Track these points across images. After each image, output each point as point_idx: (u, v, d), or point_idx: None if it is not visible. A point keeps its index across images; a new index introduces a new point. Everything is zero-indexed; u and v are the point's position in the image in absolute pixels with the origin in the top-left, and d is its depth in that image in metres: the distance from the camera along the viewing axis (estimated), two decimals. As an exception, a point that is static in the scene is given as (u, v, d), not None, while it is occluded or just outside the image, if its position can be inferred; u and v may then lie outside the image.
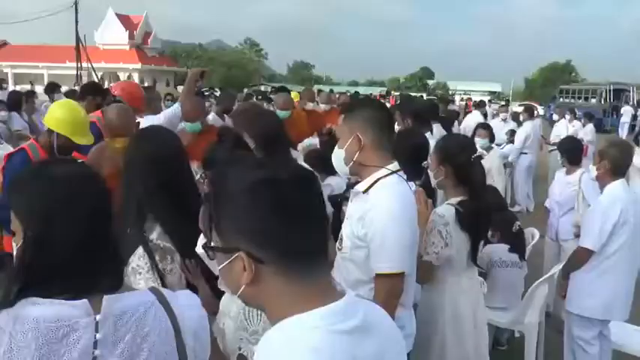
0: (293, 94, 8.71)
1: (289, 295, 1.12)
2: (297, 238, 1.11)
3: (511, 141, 10.53)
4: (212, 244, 1.19)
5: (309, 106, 7.92)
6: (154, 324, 1.42)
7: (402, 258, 2.40)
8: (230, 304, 1.93)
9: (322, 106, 8.05)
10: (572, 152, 5.67)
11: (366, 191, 2.45)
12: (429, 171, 3.25)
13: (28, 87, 19.66)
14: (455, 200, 3.01)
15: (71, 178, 1.43)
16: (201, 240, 2.01)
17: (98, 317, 1.33)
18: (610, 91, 33.20)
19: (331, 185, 4.35)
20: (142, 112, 4.88)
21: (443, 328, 3.02)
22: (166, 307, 1.46)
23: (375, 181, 2.44)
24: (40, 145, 3.75)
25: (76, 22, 35.37)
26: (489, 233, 4.26)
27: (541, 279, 4.44)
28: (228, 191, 1.14)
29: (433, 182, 3.16)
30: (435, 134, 5.48)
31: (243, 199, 1.11)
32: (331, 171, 4.53)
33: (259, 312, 1.66)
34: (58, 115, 3.66)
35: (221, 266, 1.18)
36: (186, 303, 1.53)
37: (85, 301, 1.33)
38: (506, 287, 4.53)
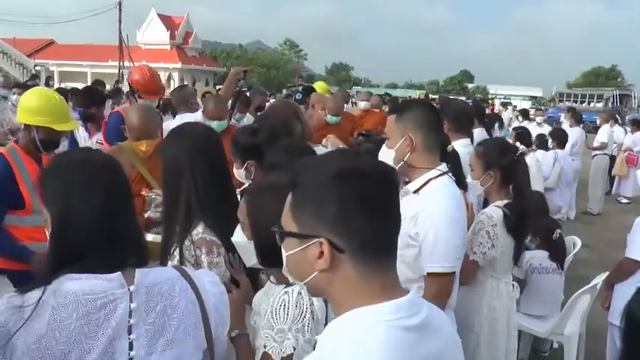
0: (321, 87, 8.60)
1: (359, 286, 1.14)
2: (376, 231, 1.12)
3: (538, 146, 10.24)
4: (285, 229, 1.20)
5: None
6: (182, 296, 1.55)
7: (454, 258, 2.43)
8: (261, 302, 1.94)
9: (362, 104, 7.99)
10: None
11: (416, 191, 2.49)
12: (470, 179, 3.19)
13: (72, 84, 20.08)
14: (501, 203, 3.03)
15: (86, 161, 1.57)
16: (238, 230, 2.06)
17: (132, 288, 1.47)
18: (617, 96, 36.16)
19: None
20: (161, 96, 4.82)
21: (479, 328, 3.04)
22: (190, 282, 1.59)
23: (426, 182, 2.48)
24: (21, 146, 3.32)
25: (120, 22, 36.11)
26: (528, 238, 4.18)
27: (583, 289, 4.30)
28: (314, 179, 1.15)
29: (479, 190, 3.14)
30: (476, 140, 5.16)
31: (329, 187, 1.12)
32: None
33: (286, 310, 1.66)
34: (32, 106, 3.24)
35: (292, 252, 1.19)
36: (208, 279, 1.67)
37: (119, 274, 1.46)
38: (547, 294, 4.42)
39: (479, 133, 5.70)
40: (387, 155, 2.59)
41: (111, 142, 4.24)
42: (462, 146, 4.28)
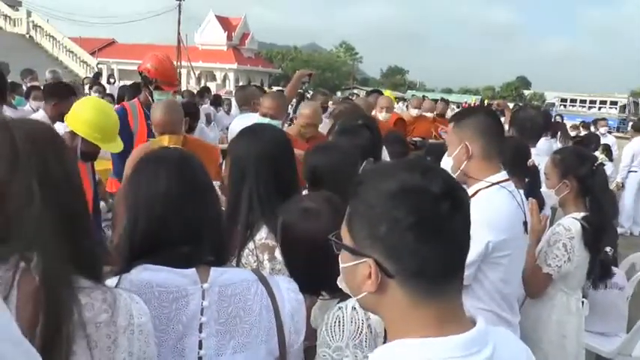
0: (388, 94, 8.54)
1: (413, 314, 1.03)
2: (433, 257, 1.00)
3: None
4: (342, 240, 1.11)
5: None
6: (256, 299, 1.52)
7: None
8: (316, 318, 1.90)
9: (414, 112, 7.86)
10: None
11: None
12: (544, 189, 3.08)
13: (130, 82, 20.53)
14: (578, 215, 2.91)
15: (160, 157, 1.58)
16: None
17: (205, 286, 1.46)
18: (631, 103, 39.45)
19: None
20: (175, 87, 4.43)
21: (547, 346, 2.91)
22: (267, 287, 1.56)
23: (475, 193, 2.39)
24: None
25: (179, 23, 36.81)
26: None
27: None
28: (371, 193, 1.03)
29: (554, 200, 3.03)
30: (539, 148, 5.04)
31: (385, 205, 1.00)
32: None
33: (342, 327, 1.58)
34: (87, 118, 3.12)
35: (345, 265, 1.11)
36: (286, 286, 1.62)
37: (193, 270, 1.45)
38: (606, 309, 4.19)
39: (543, 143, 5.56)
40: (448, 164, 2.51)
41: None
42: None
